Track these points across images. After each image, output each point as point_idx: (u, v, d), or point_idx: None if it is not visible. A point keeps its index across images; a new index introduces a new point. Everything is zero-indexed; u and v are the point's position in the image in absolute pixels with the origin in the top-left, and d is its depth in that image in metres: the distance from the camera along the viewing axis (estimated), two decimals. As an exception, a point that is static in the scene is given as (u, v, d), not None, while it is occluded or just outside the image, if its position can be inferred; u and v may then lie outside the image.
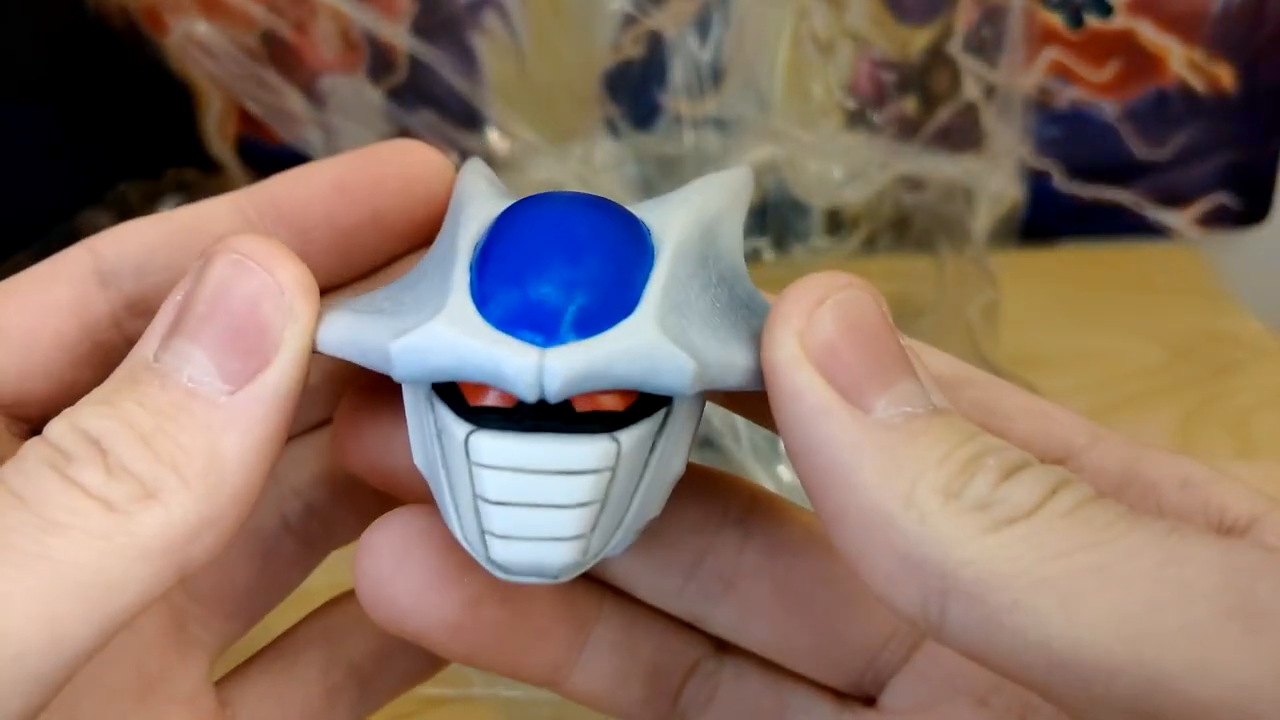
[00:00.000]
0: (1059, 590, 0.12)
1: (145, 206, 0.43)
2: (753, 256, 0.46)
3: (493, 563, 0.15)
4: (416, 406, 0.16)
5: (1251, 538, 0.14)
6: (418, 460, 0.16)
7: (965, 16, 0.44)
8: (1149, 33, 0.48)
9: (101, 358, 0.18)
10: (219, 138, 0.48)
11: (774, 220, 0.44)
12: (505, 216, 0.16)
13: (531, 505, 0.15)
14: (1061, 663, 0.12)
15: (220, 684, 0.20)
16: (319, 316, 0.16)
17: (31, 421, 0.18)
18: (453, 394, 0.15)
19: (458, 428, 0.15)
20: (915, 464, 0.13)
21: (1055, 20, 0.47)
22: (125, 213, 0.42)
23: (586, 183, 0.42)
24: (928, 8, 0.45)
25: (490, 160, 0.45)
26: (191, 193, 0.44)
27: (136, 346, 0.16)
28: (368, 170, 0.19)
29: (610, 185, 0.43)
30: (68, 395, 0.17)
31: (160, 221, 0.18)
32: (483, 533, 0.15)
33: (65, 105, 0.47)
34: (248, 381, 0.15)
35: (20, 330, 0.17)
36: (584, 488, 0.15)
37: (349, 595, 0.21)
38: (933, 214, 0.43)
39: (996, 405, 0.16)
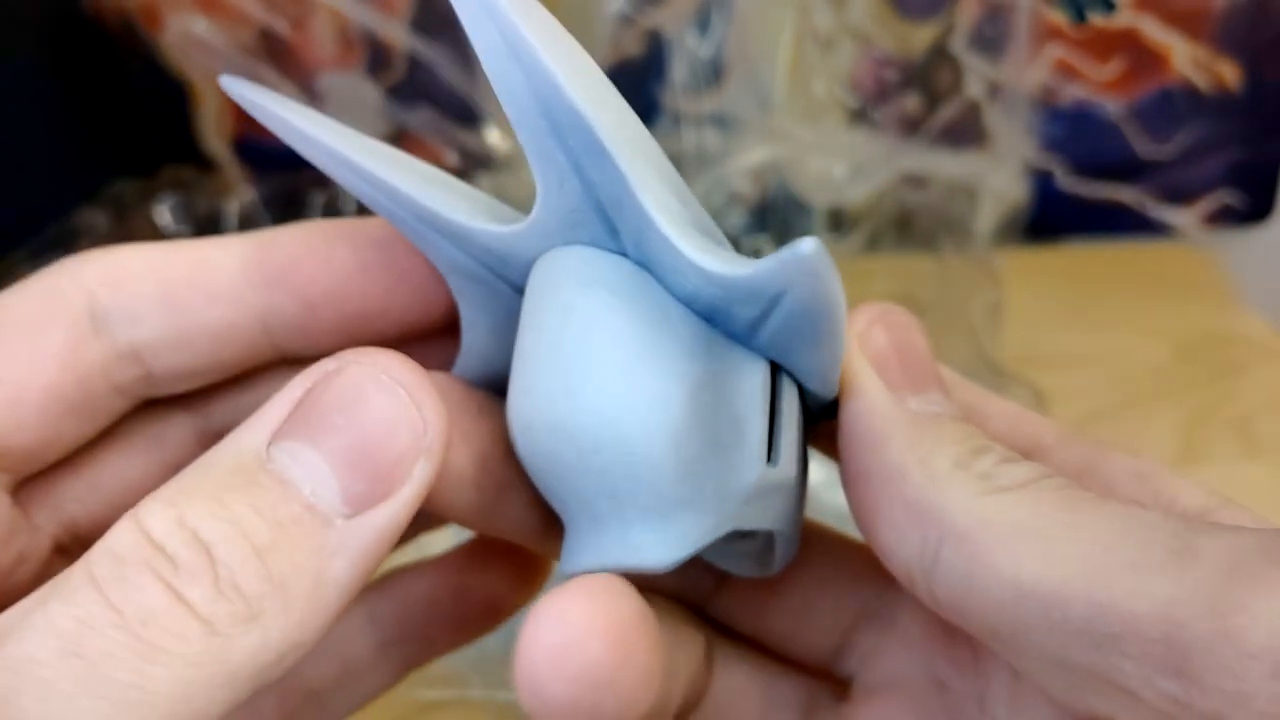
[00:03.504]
0: (1036, 539, 0.14)
1: (141, 205, 0.42)
2: (755, 255, 0.45)
3: None
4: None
5: None
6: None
7: (968, 13, 0.44)
8: (1153, 30, 0.47)
9: (89, 407, 0.17)
10: (216, 135, 0.48)
11: (775, 219, 0.44)
12: None
13: None
14: (1028, 595, 0.14)
15: None
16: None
17: (11, 472, 0.17)
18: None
19: None
20: (933, 441, 0.16)
21: (1058, 17, 0.47)
22: (121, 211, 0.42)
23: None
24: (930, 4, 0.44)
25: (488, 159, 0.44)
26: (188, 191, 0.43)
27: (236, 433, 0.15)
28: (393, 254, 0.18)
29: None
30: (52, 446, 0.17)
31: (160, 267, 0.17)
32: None
33: (61, 103, 0.47)
34: (368, 509, 0.14)
35: (10, 383, 0.16)
36: None
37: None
38: (935, 212, 0.43)
39: (978, 406, 0.19)
